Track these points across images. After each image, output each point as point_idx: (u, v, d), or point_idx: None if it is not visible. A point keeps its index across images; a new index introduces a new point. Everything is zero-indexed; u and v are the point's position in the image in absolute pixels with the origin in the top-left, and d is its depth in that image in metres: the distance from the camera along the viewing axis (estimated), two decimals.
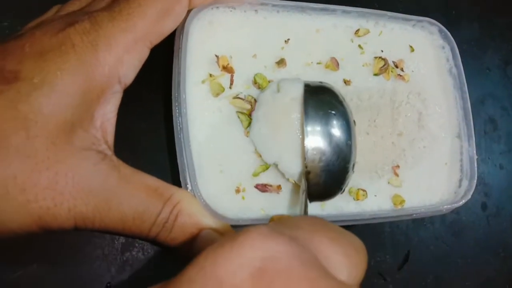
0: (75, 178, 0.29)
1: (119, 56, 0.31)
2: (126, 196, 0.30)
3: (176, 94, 0.35)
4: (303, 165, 0.35)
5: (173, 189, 0.32)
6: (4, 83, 0.28)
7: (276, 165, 0.37)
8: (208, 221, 0.33)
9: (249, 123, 0.38)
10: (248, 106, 0.38)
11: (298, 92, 0.36)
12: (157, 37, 0.33)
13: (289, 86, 0.37)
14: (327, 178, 0.35)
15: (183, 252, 0.33)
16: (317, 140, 0.35)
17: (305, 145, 0.35)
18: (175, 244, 0.32)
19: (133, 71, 0.33)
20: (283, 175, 0.37)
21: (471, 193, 0.41)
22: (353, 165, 0.36)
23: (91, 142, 0.30)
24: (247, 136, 0.38)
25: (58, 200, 0.28)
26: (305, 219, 0.28)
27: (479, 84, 0.52)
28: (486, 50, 0.54)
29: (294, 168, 0.36)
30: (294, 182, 0.37)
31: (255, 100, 0.38)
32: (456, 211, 0.47)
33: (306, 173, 0.35)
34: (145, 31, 0.32)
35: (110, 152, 0.31)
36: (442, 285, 0.46)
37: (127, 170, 0.31)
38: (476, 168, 0.42)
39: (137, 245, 0.37)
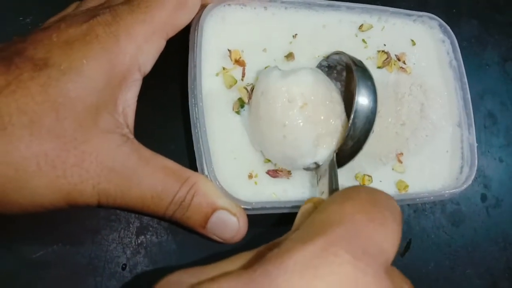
0: (99, 158, 0.30)
1: (139, 46, 0.33)
2: (146, 176, 0.32)
3: (192, 86, 0.37)
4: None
5: (190, 172, 0.34)
6: (35, 70, 0.29)
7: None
8: (223, 202, 0.34)
9: (238, 111, 0.39)
10: (246, 100, 0.39)
11: (267, 85, 0.37)
12: (173, 29, 0.35)
13: (262, 79, 0.38)
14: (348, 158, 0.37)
15: (197, 230, 0.35)
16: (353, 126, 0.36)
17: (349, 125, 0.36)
18: (189, 222, 0.34)
19: (151, 60, 0.34)
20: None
21: (471, 179, 0.42)
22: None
23: (115, 125, 0.32)
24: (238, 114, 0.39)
25: (84, 177, 0.30)
26: (344, 206, 0.26)
27: (479, 79, 0.53)
28: (486, 46, 0.55)
29: (274, 154, 0.38)
30: (280, 167, 0.39)
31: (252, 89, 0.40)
32: (456, 202, 0.48)
33: (336, 154, 0.37)
34: (162, 23, 0.34)
35: (131, 136, 0.33)
36: (442, 272, 0.46)
37: (147, 152, 0.33)
38: (476, 155, 0.43)
39: (151, 229, 0.38)
